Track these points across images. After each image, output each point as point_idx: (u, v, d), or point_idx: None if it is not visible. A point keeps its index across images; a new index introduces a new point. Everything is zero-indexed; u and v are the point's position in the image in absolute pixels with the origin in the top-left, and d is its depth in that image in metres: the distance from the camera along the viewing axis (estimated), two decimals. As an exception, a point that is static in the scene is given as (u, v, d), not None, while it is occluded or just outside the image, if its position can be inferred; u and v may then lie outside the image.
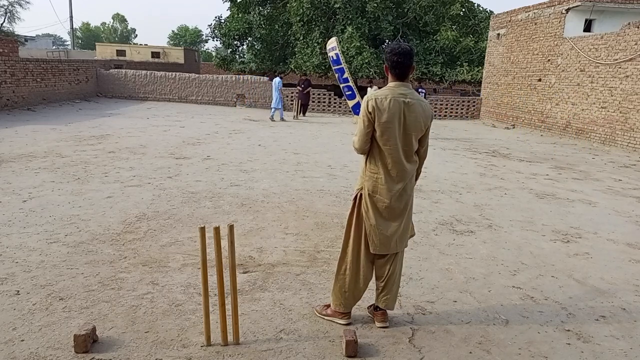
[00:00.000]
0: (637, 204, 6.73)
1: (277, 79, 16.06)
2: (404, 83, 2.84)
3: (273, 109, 15.78)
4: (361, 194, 2.92)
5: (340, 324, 3.03)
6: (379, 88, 17.13)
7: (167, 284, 3.51)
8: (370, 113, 2.75)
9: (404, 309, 3.31)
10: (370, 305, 3.18)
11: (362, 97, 21.76)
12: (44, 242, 4.20)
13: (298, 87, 17.73)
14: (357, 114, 2.74)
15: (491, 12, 23.08)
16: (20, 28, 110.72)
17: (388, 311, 3.08)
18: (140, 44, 44.54)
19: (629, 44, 11.89)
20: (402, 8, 22.10)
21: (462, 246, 4.63)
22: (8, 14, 42.16)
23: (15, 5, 42.43)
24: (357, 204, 2.93)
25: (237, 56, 26.28)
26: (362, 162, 2.97)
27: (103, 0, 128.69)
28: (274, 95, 15.79)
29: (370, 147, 2.86)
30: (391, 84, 2.85)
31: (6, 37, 17.87)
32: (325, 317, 3.09)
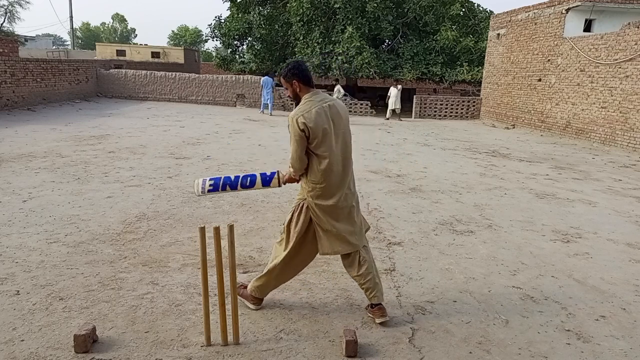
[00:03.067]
0: (637, 204, 6.73)
1: (269, 78, 17.61)
2: (315, 90, 2.95)
3: (269, 105, 17.48)
4: (304, 205, 2.97)
5: (250, 308, 3.17)
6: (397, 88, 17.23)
7: (167, 284, 3.51)
8: (302, 131, 2.79)
9: (404, 309, 3.31)
10: (368, 306, 3.19)
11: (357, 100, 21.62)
12: (44, 242, 4.20)
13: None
14: (267, 183, 2.67)
15: (491, 12, 23.05)
16: (20, 28, 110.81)
17: (384, 305, 3.10)
18: (140, 44, 44.53)
19: (629, 44, 11.88)
20: (402, 8, 22.08)
21: (462, 246, 4.63)
22: (8, 14, 42.16)
23: (15, 5, 42.44)
24: (298, 213, 2.99)
25: (237, 56, 26.27)
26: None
27: (103, 0, 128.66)
28: (266, 92, 17.42)
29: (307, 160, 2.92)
30: (306, 95, 2.92)
31: (6, 37, 17.88)
32: (238, 297, 3.11)
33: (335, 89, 17.97)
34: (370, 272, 3.04)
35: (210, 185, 2.94)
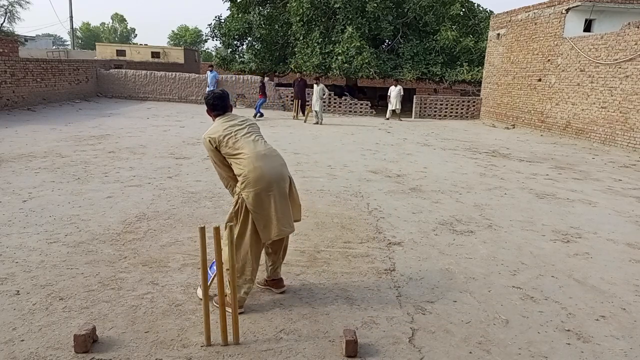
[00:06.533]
0: (637, 204, 6.73)
1: (212, 72, 18.81)
2: (226, 114, 3.29)
3: None
4: (242, 200, 3.09)
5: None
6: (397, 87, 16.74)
7: (167, 284, 3.51)
8: (212, 144, 3.11)
9: (404, 309, 3.31)
10: (265, 280, 3.47)
11: (357, 98, 21.59)
12: (44, 242, 4.20)
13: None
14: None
15: (491, 12, 23.00)
16: (20, 28, 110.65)
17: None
18: (140, 44, 44.51)
19: (629, 44, 11.88)
20: (402, 8, 22.05)
21: (462, 246, 4.63)
22: (8, 14, 42.13)
23: (15, 5, 42.40)
24: (239, 209, 3.11)
25: (237, 56, 26.23)
26: (230, 182, 3.25)
27: (103, 0, 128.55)
28: (211, 86, 18.59)
29: (230, 169, 3.16)
30: (217, 120, 3.24)
31: (6, 37, 17.87)
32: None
33: (318, 89, 15.82)
34: (286, 249, 3.46)
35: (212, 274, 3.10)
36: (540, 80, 15.60)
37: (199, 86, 20.34)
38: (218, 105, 3.29)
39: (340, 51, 20.38)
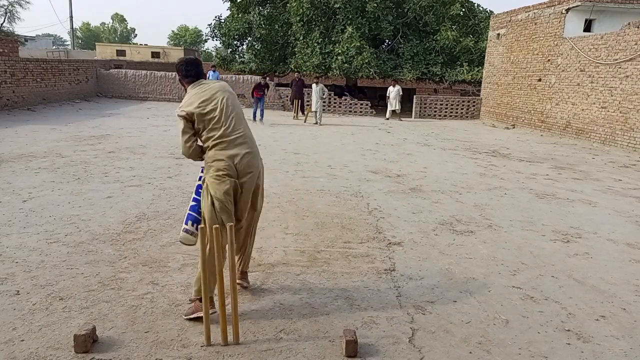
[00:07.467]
0: (637, 204, 6.73)
1: (215, 72, 18.04)
2: (199, 80, 3.13)
3: None
4: (206, 185, 3.01)
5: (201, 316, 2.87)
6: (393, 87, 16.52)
7: (167, 284, 3.51)
8: (186, 117, 2.99)
9: (404, 309, 3.31)
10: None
11: (354, 97, 21.55)
12: (44, 242, 4.20)
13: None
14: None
15: (491, 12, 23.01)
16: (20, 28, 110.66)
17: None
18: (140, 44, 44.51)
19: (629, 44, 11.88)
20: (402, 8, 22.05)
21: (462, 246, 4.63)
22: (8, 14, 42.12)
23: (15, 5, 42.39)
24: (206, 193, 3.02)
25: (237, 56, 26.23)
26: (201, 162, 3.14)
27: (103, 0, 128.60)
28: None
29: (202, 145, 3.06)
30: (190, 90, 3.10)
31: (6, 37, 17.88)
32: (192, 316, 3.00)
33: (318, 89, 15.67)
34: (250, 244, 3.41)
35: (192, 224, 3.04)
36: (540, 80, 15.60)
37: (199, 86, 20.33)
38: (191, 71, 3.12)
39: (340, 51, 20.38)
